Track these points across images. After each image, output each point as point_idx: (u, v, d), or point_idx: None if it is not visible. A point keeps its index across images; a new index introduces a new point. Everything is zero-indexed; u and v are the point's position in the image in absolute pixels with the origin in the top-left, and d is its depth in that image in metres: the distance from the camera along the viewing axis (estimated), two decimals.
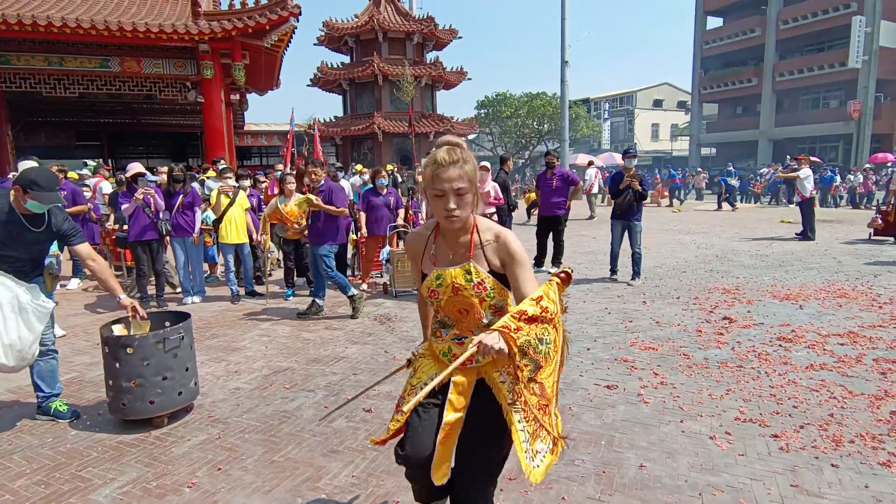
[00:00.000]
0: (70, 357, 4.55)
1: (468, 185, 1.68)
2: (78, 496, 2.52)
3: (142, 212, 5.97)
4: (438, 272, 1.78)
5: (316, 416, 3.32)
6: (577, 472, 2.64)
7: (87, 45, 13.27)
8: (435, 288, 1.79)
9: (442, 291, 1.78)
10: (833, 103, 32.77)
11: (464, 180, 1.66)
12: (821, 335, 4.60)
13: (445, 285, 1.77)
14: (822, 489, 2.45)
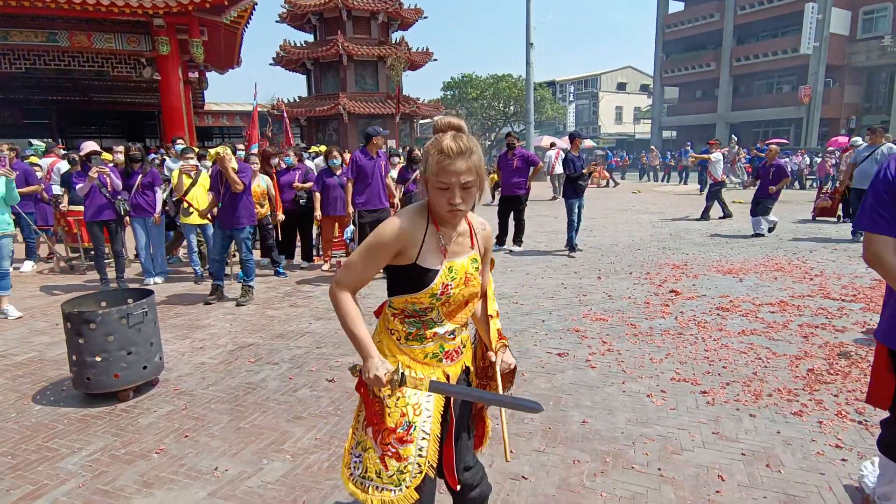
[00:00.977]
0: (29, 337, 4.52)
1: (475, 178, 1.51)
2: (46, 465, 2.60)
3: (98, 191, 5.85)
4: (450, 264, 1.61)
5: (281, 388, 3.45)
6: (526, 429, 2.87)
7: (34, 19, 12.64)
8: (448, 281, 1.60)
9: (455, 284, 1.61)
10: (786, 88, 34.03)
11: (472, 173, 1.49)
12: (755, 304, 4.98)
13: (459, 277, 1.62)
14: (739, 435, 2.75)
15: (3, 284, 5.09)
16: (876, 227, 1.72)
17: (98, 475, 2.51)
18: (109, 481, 2.46)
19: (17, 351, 4.20)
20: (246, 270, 5.62)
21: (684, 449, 2.64)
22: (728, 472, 2.44)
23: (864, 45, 30.71)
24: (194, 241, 6.59)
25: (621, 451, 2.63)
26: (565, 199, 7.69)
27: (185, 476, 2.50)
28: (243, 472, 2.52)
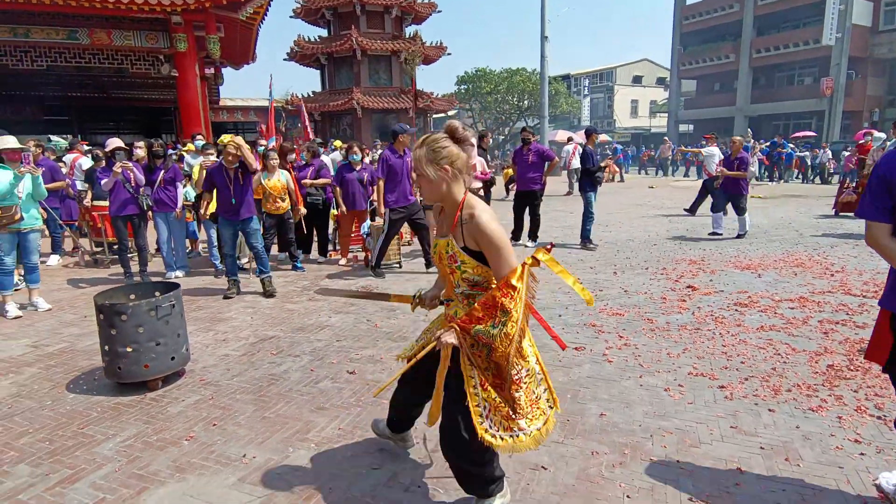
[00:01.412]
0: (59, 329, 4.67)
1: (420, 171, 1.93)
2: (83, 450, 2.71)
3: (122, 186, 5.99)
4: (436, 240, 2.07)
5: (303, 379, 3.53)
6: None
7: (55, 16, 12.89)
8: (433, 254, 2.11)
9: (436, 258, 2.08)
10: (807, 80, 33.39)
11: (416, 167, 1.95)
12: (774, 300, 4.96)
13: (436, 254, 2.07)
14: (758, 429, 2.77)
15: (33, 278, 5.25)
16: (873, 215, 2.03)
17: (133, 460, 2.61)
18: (144, 466, 2.56)
19: (49, 342, 4.35)
20: (262, 261, 5.71)
21: (702, 442, 2.66)
22: (747, 466, 2.46)
23: (886, 37, 30.02)
24: (214, 236, 6.72)
25: (639, 444, 2.67)
26: (583, 192, 7.75)
27: (215, 462, 2.59)
28: (270, 460, 2.60)
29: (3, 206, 4.87)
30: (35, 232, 5.20)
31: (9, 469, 2.57)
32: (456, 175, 1.93)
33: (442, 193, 1.94)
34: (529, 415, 1.94)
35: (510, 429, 1.91)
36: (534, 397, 1.96)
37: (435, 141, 1.92)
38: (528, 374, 1.94)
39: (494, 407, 1.91)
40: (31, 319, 4.96)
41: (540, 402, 1.99)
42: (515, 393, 1.91)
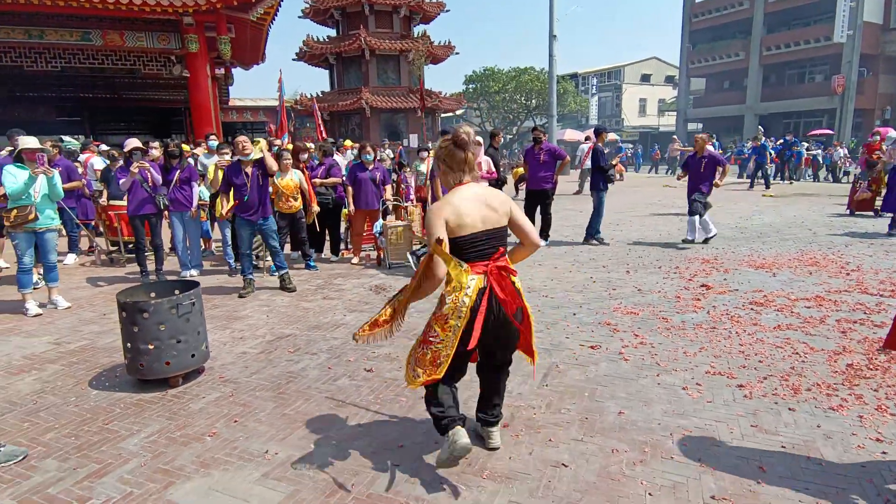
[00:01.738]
0: (79, 327, 4.74)
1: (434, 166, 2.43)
2: (108, 445, 2.76)
3: (139, 186, 6.05)
4: None
5: (321, 377, 3.56)
6: (563, 419, 2.93)
7: (68, 18, 13.03)
8: None
9: None
10: (818, 78, 33.06)
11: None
12: (790, 299, 4.93)
13: None
14: (778, 428, 2.76)
15: (52, 276, 5.32)
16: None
17: (158, 455, 2.65)
18: (169, 461, 2.60)
19: (70, 339, 4.41)
20: (280, 258, 5.79)
21: (723, 441, 2.66)
22: (769, 464, 2.46)
23: None
24: (228, 235, 6.77)
25: (659, 442, 2.67)
26: (595, 191, 7.78)
27: (239, 458, 2.62)
28: (292, 456, 2.63)
29: (18, 205, 4.93)
30: (52, 231, 5.25)
31: (37, 463, 2.62)
32: (447, 171, 2.39)
33: (446, 182, 2.43)
34: (428, 369, 2.33)
35: (413, 369, 2.38)
36: (437, 361, 2.30)
37: (441, 140, 2.42)
38: (441, 343, 2.29)
39: (412, 350, 2.45)
40: (52, 317, 5.03)
41: (440, 367, 2.31)
42: (424, 349, 2.35)
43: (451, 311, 2.26)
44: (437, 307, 2.33)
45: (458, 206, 2.27)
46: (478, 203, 2.30)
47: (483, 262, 2.30)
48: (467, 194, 2.32)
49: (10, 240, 5.10)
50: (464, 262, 2.26)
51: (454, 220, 2.24)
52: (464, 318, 2.25)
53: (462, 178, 2.36)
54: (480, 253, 2.31)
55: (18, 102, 21.17)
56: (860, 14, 28.54)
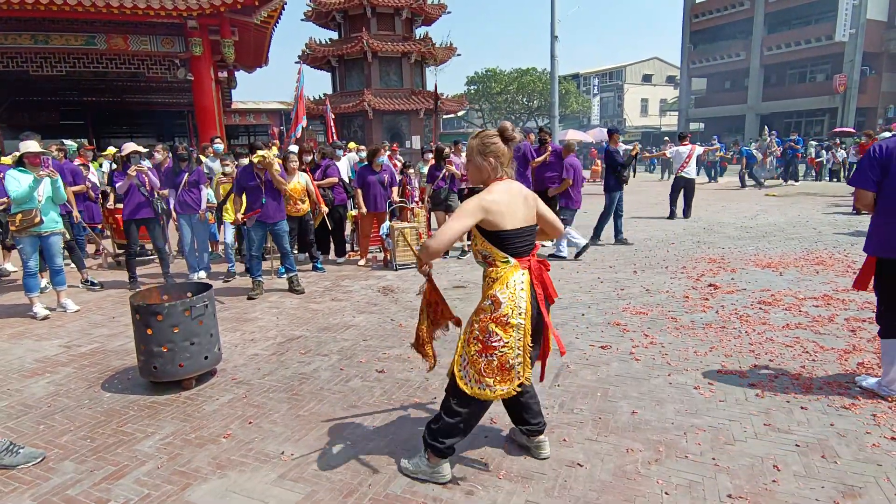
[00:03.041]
0: (89, 330, 4.76)
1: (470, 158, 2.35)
2: (124, 447, 2.77)
3: (136, 190, 6.02)
4: None
5: (333, 378, 3.58)
6: (576, 419, 2.93)
7: (73, 23, 13.07)
8: None
9: None
10: (819, 77, 33.04)
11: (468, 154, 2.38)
12: (798, 298, 4.93)
13: None
14: (791, 427, 2.77)
15: (59, 280, 5.34)
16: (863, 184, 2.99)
17: (174, 457, 2.67)
18: (185, 463, 2.62)
19: (81, 342, 4.43)
20: (290, 260, 5.84)
21: (737, 440, 2.67)
22: (783, 463, 2.46)
23: None
24: (230, 237, 6.81)
25: (673, 441, 2.68)
26: (608, 191, 7.83)
27: (255, 459, 2.64)
28: (309, 457, 2.64)
29: (23, 209, 4.95)
30: (56, 235, 5.25)
31: (55, 465, 2.63)
32: (497, 167, 2.29)
33: (483, 178, 2.33)
34: (498, 377, 2.24)
35: (479, 382, 2.25)
36: (507, 366, 2.23)
37: (487, 136, 2.31)
38: (507, 346, 2.21)
39: (471, 361, 2.27)
40: (62, 321, 5.05)
41: (511, 372, 2.24)
42: (489, 356, 2.22)
43: (511, 309, 2.19)
44: (490, 309, 2.21)
45: (504, 200, 2.22)
46: (520, 198, 2.30)
47: (526, 257, 2.28)
48: (512, 189, 2.29)
49: (15, 244, 5.12)
50: (511, 256, 2.23)
51: (499, 214, 2.18)
52: (526, 314, 2.21)
53: (503, 174, 2.31)
54: (526, 247, 2.28)
55: (24, 107, 21.25)
56: (864, 12, 28.50)
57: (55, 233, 5.23)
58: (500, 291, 2.20)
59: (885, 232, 2.94)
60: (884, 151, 2.92)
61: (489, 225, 2.20)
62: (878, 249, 2.98)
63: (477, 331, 2.25)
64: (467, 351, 2.28)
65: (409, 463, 2.48)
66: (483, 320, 2.23)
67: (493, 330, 2.20)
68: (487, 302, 2.23)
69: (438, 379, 3.49)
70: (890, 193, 2.90)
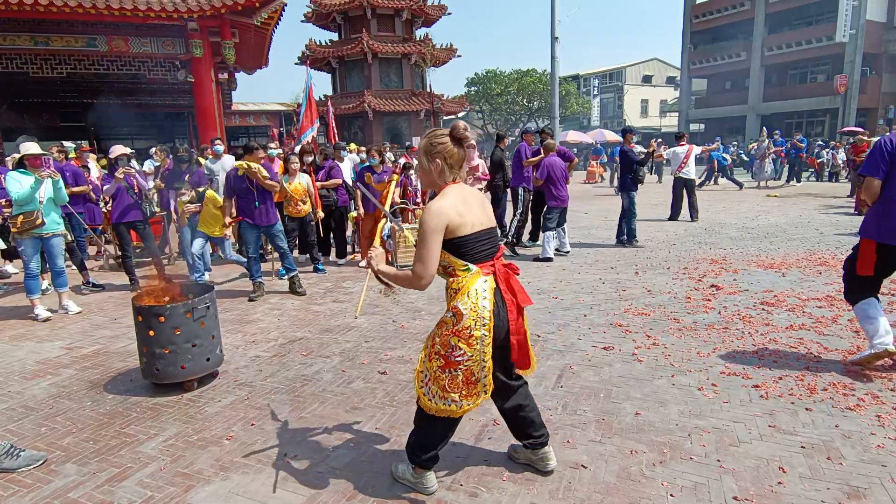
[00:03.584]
0: (91, 331, 4.75)
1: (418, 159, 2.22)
2: (126, 449, 2.76)
3: (125, 193, 5.99)
4: None
5: (335, 380, 3.57)
6: (579, 420, 2.92)
7: (74, 24, 13.09)
8: None
9: None
10: (820, 78, 33.02)
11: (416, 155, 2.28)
12: (801, 299, 4.92)
13: None
14: (796, 428, 2.76)
15: (60, 281, 5.33)
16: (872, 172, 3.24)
17: (176, 459, 2.66)
18: (187, 465, 2.61)
19: (82, 344, 4.42)
20: (288, 260, 5.84)
21: (742, 441, 2.65)
22: (789, 465, 2.45)
23: None
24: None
25: (678, 443, 2.67)
26: (624, 191, 7.84)
27: (257, 461, 2.63)
28: (312, 459, 2.63)
29: (24, 211, 4.95)
30: (58, 237, 5.25)
31: (57, 468, 2.62)
32: (444, 170, 2.13)
33: (432, 181, 2.18)
34: (464, 391, 2.14)
35: (444, 398, 2.15)
36: (473, 379, 2.14)
37: (435, 136, 2.14)
38: (471, 360, 2.10)
39: (433, 377, 2.16)
40: (63, 322, 5.05)
41: (478, 385, 2.15)
42: (452, 371, 2.11)
43: (474, 320, 2.06)
44: (452, 322, 2.08)
45: (459, 205, 2.07)
46: (474, 201, 2.15)
47: (489, 262, 2.14)
48: (465, 193, 2.14)
49: (17, 246, 5.12)
50: (471, 263, 2.09)
51: (457, 220, 2.03)
52: (489, 325, 2.08)
53: (456, 177, 2.15)
54: (488, 252, 2.14)
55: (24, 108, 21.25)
56: (863, 13, 28.51)
57: (56, 234, 5.23)
58: (461, 302, 2.05)
59: (883, 218, 3.22)
60: (893, 144, 3.19)
61: (448, 233, 2.04)
62: (876, 234, 3.25)
63: (439, 345, 2.12)
64: (429, 367, 2.16)
65: (398, 469, 2.44)
66: (445, 334, 2.09)
67: (456, 344, 2.07)
68: (449, 314, 2.09)
69: None
70: (893, 183, 3.17)
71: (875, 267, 3.30)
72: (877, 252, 3.26)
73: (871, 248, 3.27)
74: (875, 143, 3.29)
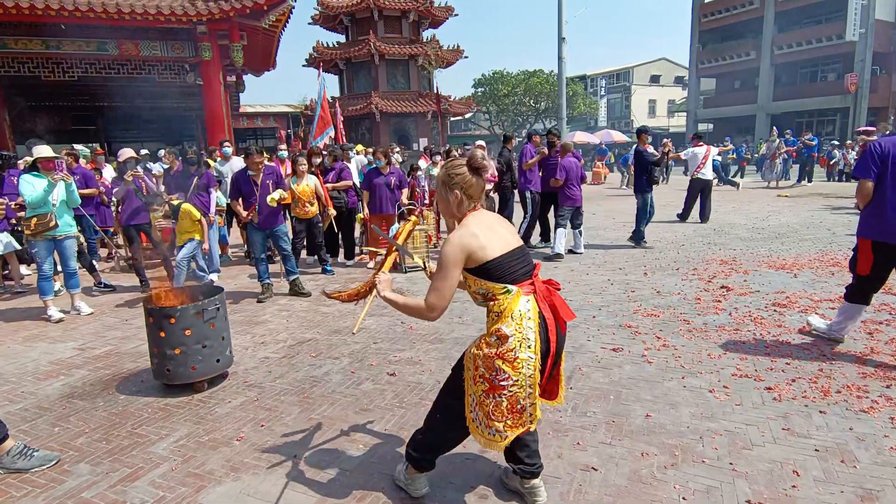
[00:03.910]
0: (102, 332, 4.80)
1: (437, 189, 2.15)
2: (138, 449, 2.78)
3: (133, 195, 6.05)
4: None
5: (344, 381, 3.58)
6: (589, 422, 2.91)
7: (85, 28, 13.22)
8: None
9: None
10: (831, 76, 32.72)
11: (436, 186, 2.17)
12: (813, 301, 4.87)
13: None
14: (810, 431, 2.73)
15: (73, 283, 5.39)
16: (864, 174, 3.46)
17: (188, 459, 2.67)
18: (199, 465, 2.62)
19: (94, 344, 4.46)
20: (290, 262, 5.89)
21: (755, 444, 2.63)
22: (802, 468, 2.43)
23: None
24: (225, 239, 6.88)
25: (689, 445, 2.65)
26: (638, 192, 7.81)
27: (267, 462, 2.64)
28: (322, 460, 2.64)
29: (38, 213, 5.00)
30: (71, 238, 5.31)
31: (70, 468, 2.64)
32: (463, 200, 2.06)
33: (451, 212, 2.10)
34: (509, 420, 2.01)
35: (489, 426, 2.03)
36: (518, 407, 2.01)
37: (452, 167, 2.08)
38: (515, 384, 1.97)
39: (479, 402, 2.04)
40: (75, 323, 5.10)
41: (523, 415, 2.03)
42: (497, 396, 1.98)
43: (519, 342, 1.93)
44: (497, 345, 1.95)
45: (480, 229, 2.00)
46: (497, 224, 2.09)
47: (528, 280, 2.04)
48: (485, 218, 2.07)
49: (30, 248, 5.18)
50: (510, 284, 1.98)
51: (479, 248, 1.95)
52: (535, 346, 1.96)
53: (476, 205, 2.08)
54: (524, 270, 2.04)
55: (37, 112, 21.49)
56: (872, 12, 28.23)
57: (70, 236, 5.29)
58: (505, 325, 1.94)
59: (877, 218, 3.43)
60: (883, 148, 3.41)
61: (474, 261, 1.96)
62: (871, 233, 3.47)
63: (483, 368, 1.99)
64: (475, 391, 2.04)
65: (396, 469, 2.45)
66: (488, 356, 1.97)
67: (500, 367, 1.95)
68: (493, 338, 1.97)
69: None
70: (885, 184, 3.38)
71: (872, 267, 3.49)
72: (872, 250, 3.46)
73: (868, 247, 3.48)
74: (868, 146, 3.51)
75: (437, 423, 2.22)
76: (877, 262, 3.48)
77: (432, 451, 2.26)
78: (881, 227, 3.41)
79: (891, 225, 3.36)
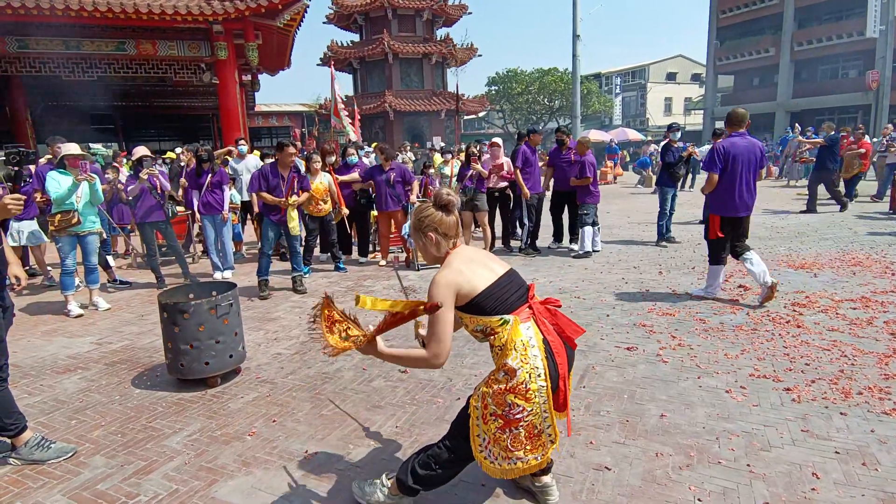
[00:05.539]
0: (119, 327, 4.86)
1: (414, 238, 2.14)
2: (153, 443, 2.81)
3: (148, 193, 6.08)
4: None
5: (356, 378, 3.58)
6: (603, 422, 2.87)
7: (104, 29, 13.43)
8: None
9: None
10: (852, 73, 32.06)
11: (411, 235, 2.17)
12: (834, 300, 4.77)
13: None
14: (830, 433, 2.66)
15: (93, 278, 5.47)
16: (712, 169, 4.67)
17: (200, 453, 2.69)
18: (211, 459, 2.64)
19: (111, 339, 4.53)
20: (297, 259, 5.95)
21: (773, 446, 2.57)
22: (822, 470, 2.37)
23: None
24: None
25: (705, 446, 2.60)
26: (661, 187, 7.76)
27: (279, 457, 2.64)
28: (333, 456, 2.64)
29: (62, 210, 5.10)
30: (93, 235, 5.41)
31: (85, 460, 2.68)
32: (439, 241, 2.04)
33: (432, 255, 2.08)
34: (527, 446, 1.98)
35: (508, 458, 1.99)
36: (536, 432, 1.98)
37: (420, 212, 2.07)
38: (531, 414, 1.94)
39: (493, 440, 1.99)
40: (93, 318, 5.17)
41: (542, 437, 2.00)
42: (514, 430, 1.96)
43: (528, 373, 1.89)
44: (506, 380, 1.91)
45: (463, 264, 1.96)
46: (479, 255, 2.07)
47: (524, 304, 1.99)
48: (466, 253, 2.04)
49: (54, 243, 5.28)
50: (504, 315, 1.93)
51: (467, 282, 1.91)
52: (545, 374, 1.91)
53: (456, 242, 2.05)
54: (517, 295, 1.99)
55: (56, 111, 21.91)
56: (892, 8, 27.57)
57: (92, 232, 5.39)
58: (511, 359, 1.89)
59: (722, 199, 4.70)
60: (724, 148, 4.60)
61: (464, 297, 1.91)
62: (719, 210, 4.76)
63: (493, 405, 1.94)
64: (486, 430, 1.98)
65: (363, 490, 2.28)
66: (498, 392, 1.92)
67: (513, 402, 1.90)
68: (501, 374, 1.92)
69: (461, 379, 3.46)
70: (726, 176, 4.63)
71: (723, 233, 4.78)
72: (720, 222, 4.76)
73: (717, 220, 4.78)
74: (714, 147, 4.72)
75: (446, 462, 2.10)
76: (723, 230, 4.76)
77: (433, 486, 2.16)
78: (726, 206, 4.69)
79: (730, 204, 4.66)
